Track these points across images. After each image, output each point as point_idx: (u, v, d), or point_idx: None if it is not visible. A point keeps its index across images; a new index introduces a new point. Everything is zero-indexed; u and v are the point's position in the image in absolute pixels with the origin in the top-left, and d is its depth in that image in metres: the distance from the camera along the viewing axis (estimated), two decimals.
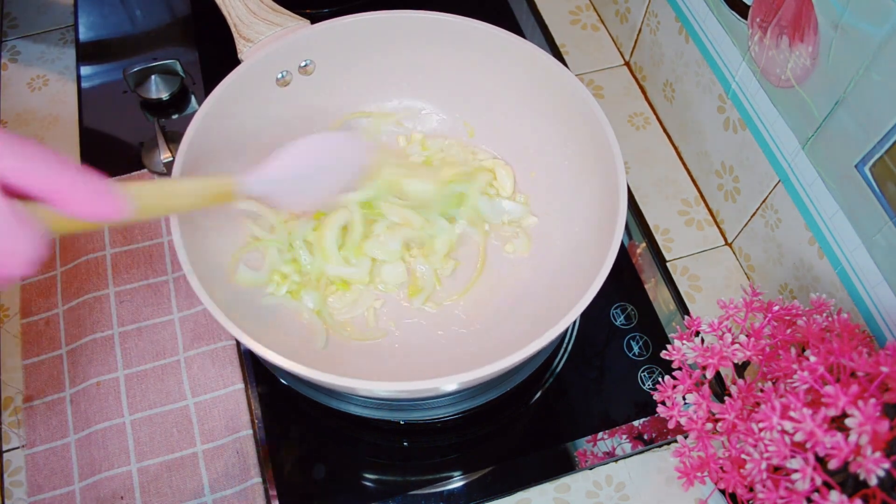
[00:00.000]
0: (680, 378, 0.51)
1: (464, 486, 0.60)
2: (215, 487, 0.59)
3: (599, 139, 0.59)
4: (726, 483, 0.46)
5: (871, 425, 0.38)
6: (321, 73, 0.66)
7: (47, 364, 0.64)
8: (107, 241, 0.68)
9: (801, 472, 0.40)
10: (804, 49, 0.54)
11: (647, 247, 0.72)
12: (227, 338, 0.65)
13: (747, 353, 0.49)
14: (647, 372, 0.65)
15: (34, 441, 0.61)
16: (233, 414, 0.61)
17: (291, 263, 0.63)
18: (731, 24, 0.63)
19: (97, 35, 0.85)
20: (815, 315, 0.51)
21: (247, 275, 0.61)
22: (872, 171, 0.51)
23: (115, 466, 0.59)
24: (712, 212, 0.74)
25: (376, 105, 0.70)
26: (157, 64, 0.78)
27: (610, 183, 0.57)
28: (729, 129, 0.67)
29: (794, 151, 0.59)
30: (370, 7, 0.64)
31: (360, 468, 0.61)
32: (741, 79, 0.63)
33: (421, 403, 0.61)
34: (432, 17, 0.64)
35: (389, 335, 0.61)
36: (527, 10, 0.88)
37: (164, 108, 0.79)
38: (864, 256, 0.54)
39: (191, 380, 0.63)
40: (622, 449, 0.62)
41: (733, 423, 0.47)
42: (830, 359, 0.43)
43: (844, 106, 0.52)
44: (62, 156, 0.36)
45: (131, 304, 0.66)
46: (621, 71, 0.84)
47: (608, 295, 0.69)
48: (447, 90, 0.69)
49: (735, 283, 0.71)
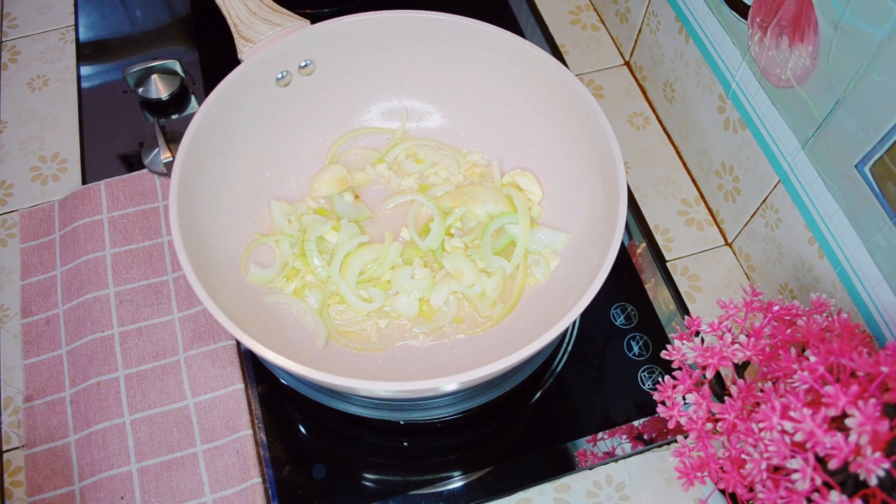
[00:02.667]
0: (680, 378, 0.51)
1: (464, 486, 0.60)
2: (215, 487, 0.59)
3: (599, 139, 0.59)
4: (726, 483, 0.46)
5: (871, 425, 0.38)
6: (321, 73, 0.66)
7: (47, 364, 0.64)
8: (107, 241, 0.68)
9: (801, 472, 0.40)
10: (804, 49, 0.54)
11: (647, 247, 0.72)
12: (227, 338, 0.65)
13: (747, 353, 0.49)
14: (647, 372, 0.65)
15: (34, 441, 0.61)
16: (233, 414, 0.61)
17: (301, 258, 0.63)
18: (731, 24, 0.63)
19: (97, 35, 0.85)
20: (815, 315, 0.51)
21: (258, 274, 0.62)
22: (872, 171, 0.51)
23: (115, 466, 0.59)
24: (712, 212, 0.74)
25: (376, 106, 0.70)
26: (157, 64, 0.78)
27: (610, 183, 0.57)
28: (729, 129, 0.67)
29: (794, 151, 0.59)
30: (370, 7, 0.64)
31: (360, 468, 0.61)
32: (741, 79, 0.63)
33: (421, 403, 0.61)
34: (432, 17, 0.64)
35: (389, 346, 0.61)
36: (527, 10, 0.88)
37: (164, 108, 0.79)
38: (864, 256, 0.54)
39: (191, 380, 0.63)
40: (622, 449, 0.62)
41: (733, 423, 0.47)
42: (830, 359, 0.43)
43: (844, 106, 0.52)
44: None
45: (131, 304, 0.66)
46: (621, 71, 0.84)
47: (608, 295, 0.69)
48: (447, 90, 0.69)
49: (735, 283, 0.71)
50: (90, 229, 0.69)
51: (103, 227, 0.69)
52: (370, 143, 0.71)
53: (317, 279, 0.63)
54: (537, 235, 0.64)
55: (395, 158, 0.69)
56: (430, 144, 0.70)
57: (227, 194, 0.63)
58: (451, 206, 0.66)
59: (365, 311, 0.62)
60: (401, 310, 0.62)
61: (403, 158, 0.69)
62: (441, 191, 0.67)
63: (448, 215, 0.65)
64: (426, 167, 0.69)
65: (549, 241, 0.64)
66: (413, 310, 0.62)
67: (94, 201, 0.71)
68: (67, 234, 0.69)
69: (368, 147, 0.70)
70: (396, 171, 0.69)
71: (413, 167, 0.69)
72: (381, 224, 0.67)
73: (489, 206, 0.65)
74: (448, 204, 0.66)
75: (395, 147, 0.70)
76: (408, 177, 0.68)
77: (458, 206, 0.66)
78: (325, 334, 0.60)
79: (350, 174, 0.68)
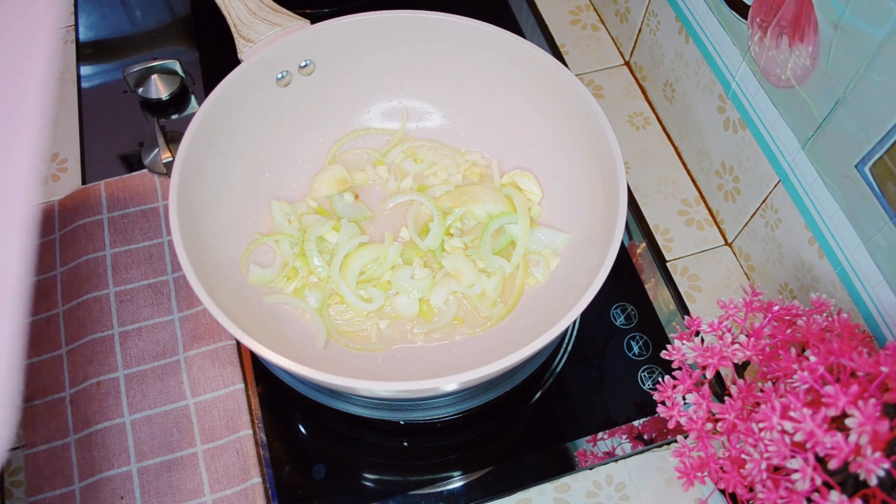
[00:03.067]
0: (680, 378, 0.51)
1: (464, 486, 0.60)
2: (215, 487, 0.59)
3: (599, 139, 0.59)
4: (726, 483, 0.46)
5: (871, 425, 0.38)
6: (321, 74, 0.66)
7: (47, 364, 0.64)
8: (107, 241, 0.68)
9: (801, 472, 0.40)
10: (804, 49, 0.54)
11: (647, 247, 0.72)
12: (227, 338, 0.65)
13: (747, 353, 0.49)
14: (647, 372, 0.65)
15: (34, 441, 0.61)
16: (233, 414, 0.61)
17: (301, 258, 0.63)
18: (731, 24, 0.63)
19: (97, 35, 0.85)
20: (815, 315, 0.51)
21: (259, 274, 0.62)
22: (872, 171, 0.51)
23: (115, 466, 0.59)
24: (712, 212, 0.74)
25: (376, 106, 0.70)
26: (157, 64, 0.78)
27: (610, 183, 0.57)
28: (729, 129, 0.67)
29: (794, 151, 0.59)
30: (370, 7, 0.64)
31: (360, 468, 0.61)
32: (741, 79, 0.63)
33: (421, 403, 0.61)
34: (432, 17, 0.64)
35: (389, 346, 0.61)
36: (527, 10, 0.88)
37: (164, 108, 0.79)
38: (864, 256, 0.54)
39: (191, 380, 0.63)
40: (622, 449, 0.62)
41: (733, 423, 0.47)
42: (830, 359, 0.43)
43: (844, 106, 0.52)
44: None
45: (131, 304, 0.66)
46: (621, 71, 0.84)
47: (608, 295, 0.69)
48: (447, 90, 0.69)
49: (735, 283, 0.71)
50: (90, 229, 0.69)
51: (103, 227, 0.69)
52: (370, 143, 0.70)
53: (317, 279, 0.63)
54: (537, 235, 0.64)
55: (394, 159, 0.69)
56: (430, 145, 0.70)
57: (227, 194, 0.63)
58: (450, 206, 0.66)
59: (365, 312, 0.62)
60: (401, 310, 0.62)
61: (403, 159, 0.69)
62: (440, 191, 0.67)
63: (448, 215, 0.65)
64: (425, 167, 0.69)
65: (548, 241, 0.64)
66: (413, 310, 0.62)
67: (94, 201, 0.70)
68: (67, 233, 0.69)
69: (368, 147, 0.70)
70: (396, 171, 0.69)
71: (412, 167, 0.69)
72: (381, 224, 0.67)
73: (489, 206, 0.65)
74: (448, 204, 0.66)
75: (394, 147, 0.70)
76: (407, 177, 0.68)
77: (457, 206, 0.66)
78: (326, 334, 0.60)
79: (350, 174, 0.68)
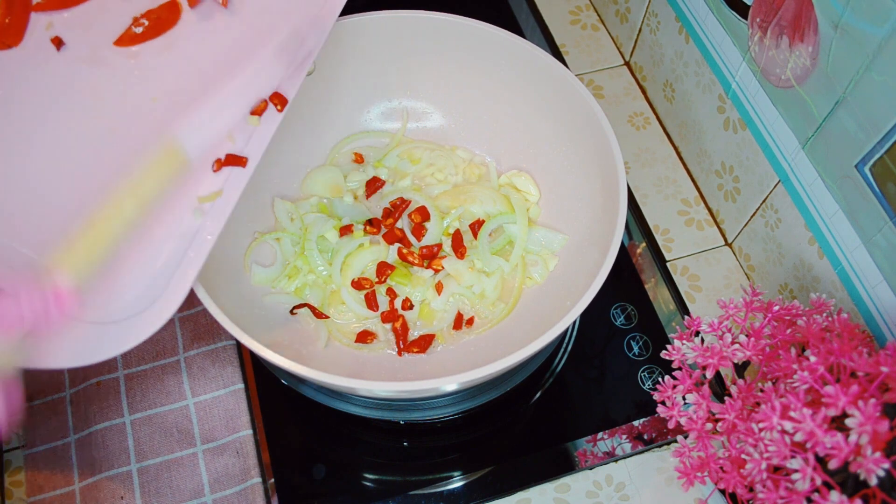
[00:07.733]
0: (680, 378, 0.51)
1: (464, 486, 0.60)
2: (215, 487, 0.59)
3: (599, 139, 0.59)
4: (726, 483, 0.46)
5: (871, 425, 0.38)
6: (321, 73, 0.66)
7: None
8: None
9: (801, 472, 0.40)
10: (804, 49, 0.54)
11: (647, 247, 0.72)
12: (227, 338, 0.65)
13: (747, 353, 0.49)
14: (647, 372, 0.65)
15: (34, 441, 0.61)
16: (233, 414, 0.61)
17: (302, 257, 0.63)
18: (731, 24, 0.63)
19: None
20: (815, 315, 0.51)
21: (261, 273, 0.62)
22: (872, 171, 0.51)
23: (114, 466, 0.59)
24: (712, 212, 0.74)
25: (377, 106, 0.70)
26: None
27: (610, 183, 0.57)
28: (729, 128, 0.67)
29: (794, 151, 0.59)
30: (370, 7, 0.64)
31: (360, 468, 0.61)
32: (741, 79, 0.63)
33: (421, 403, 0.61)
34: (433, 18, 0.64)
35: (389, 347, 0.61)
36: (527, 10, 0.88)
37: None
38: (864, 256, 0.54)
39: (191, 380, 0.63)
40: (622, 449, 0.62)
41: (733, 423, 0.47)
42: (830, 359, 0.43)
43: (844, 106, 0.52)
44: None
45: None
46: (621, 71, 0.84)
47: (608, 295, 0.69)
48: (447, 90, 0.69)
49: (735, 283, 0.71)
50: None
51: None
52: (370, 143, 0.71)
53: (318, 278, 0.63)
54: (535, 236, 0.64)
55: (394, 159, 0.69)
56: (429, 146, 0.70)
57: None
58: (448, 205, 0.66)
59: (365, 317, 0.62)
60: (401, 310, 0.62)
61: (402, 159, 0.69)
62: (438, 190, 0.67)
63: (446, 215, 0.65)
64: (424, 167, 0.69)
65: (546, 241, 0.64)
66: (416, 313, 0.62)
67: None
68: None
69: (368, 147, 0.70)
70: (395, 171, 0.69)
71: (411, 168, 0.69)
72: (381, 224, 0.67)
73: (487, 206, 0.65)
74: (446, 204, 0.66)
75: (395, 148, 0.70)
76: (406, 177, 0.68)
77: (455, 206, 0.66)
78: (326, 334, 0.60)
79: (349, 175, 0.68)
